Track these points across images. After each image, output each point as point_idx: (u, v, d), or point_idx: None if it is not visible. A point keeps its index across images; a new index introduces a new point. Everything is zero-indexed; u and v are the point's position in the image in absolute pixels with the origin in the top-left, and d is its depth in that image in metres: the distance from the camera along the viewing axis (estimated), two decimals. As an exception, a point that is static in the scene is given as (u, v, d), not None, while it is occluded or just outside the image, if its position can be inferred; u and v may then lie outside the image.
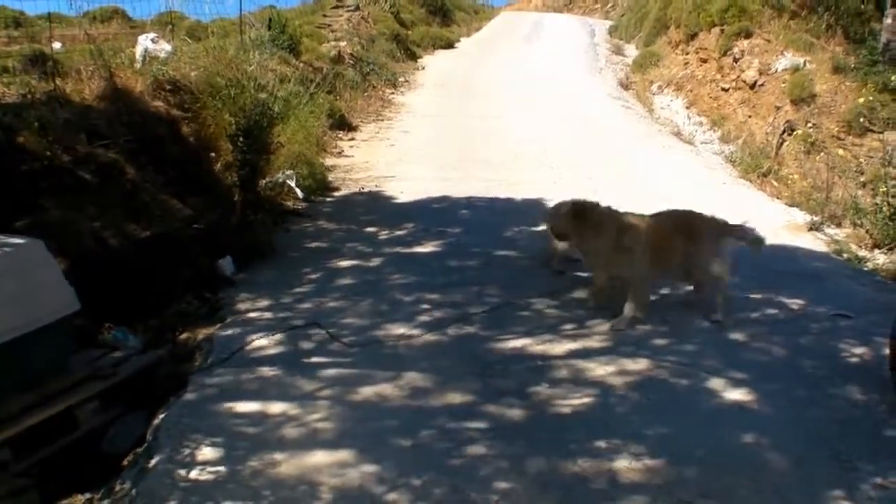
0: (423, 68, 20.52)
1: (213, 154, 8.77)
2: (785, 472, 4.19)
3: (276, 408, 4.79)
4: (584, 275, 6.86)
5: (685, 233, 6.16)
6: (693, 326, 6.06)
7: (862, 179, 10.76)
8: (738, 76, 15.62)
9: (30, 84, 7.83)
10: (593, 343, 5.76)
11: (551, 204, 7.02)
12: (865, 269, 7.87)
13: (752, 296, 6.64)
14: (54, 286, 4.79)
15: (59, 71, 8.42)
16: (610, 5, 39.63)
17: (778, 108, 13.80)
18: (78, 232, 6.23)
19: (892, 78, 12.08)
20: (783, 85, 14.02)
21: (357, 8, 22.06)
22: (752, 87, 15.02)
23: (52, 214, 6.22)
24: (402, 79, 18.75)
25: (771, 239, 7.93)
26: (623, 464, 4.22)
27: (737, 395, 5.01)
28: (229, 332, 5.94)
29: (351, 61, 17.46)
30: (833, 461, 4.32)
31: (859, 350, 5.75)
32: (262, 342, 5.72)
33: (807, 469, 4.23)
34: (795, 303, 6.51)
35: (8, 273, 4.50)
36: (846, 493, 4.03)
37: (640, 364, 5.40)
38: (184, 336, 6.00)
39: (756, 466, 4.22)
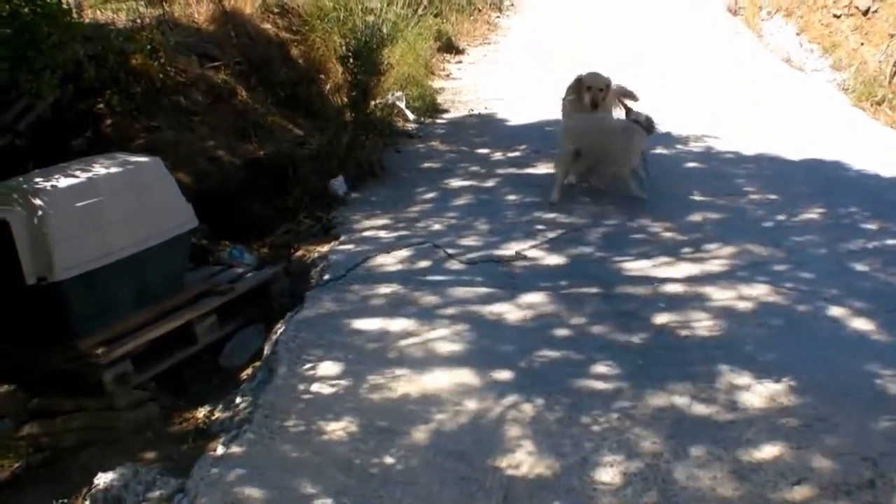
0: (530, -8, 19.94)
1: (322, 76, 8.69)
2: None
3: (395, 325, 4.71)
4: (700, 199, 6.70)
5: None
6: (811, 253, 5.74)
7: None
8: (851, 2, 14.55)
9: (139, 10, 7.85)
10: (711, 267, 5.52)
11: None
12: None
13: (869, 226, 6.23)
14: (173, 203, 4.79)
15: (169, -5, 8.41)
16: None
17: (892, 36, 12.89)
18: (191, 151, 6.25)
19: None
20: (898, 11, 13.02)
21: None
22: (865, 13, 14.02)
23: (166, 134, 6.25)
24: (507, 2, 18.24)
25: (887, 169, 7.41)
26: (742, 388, 4.04)
27: (857, 323, 4.72)
28: (345, 249, 5.89)
29: (457, -16, 17.05)
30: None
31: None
32: (379, 260, 5.64)
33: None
34: (915, 234, 6.11)
35: (128, 190, 4.51)
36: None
37: (758, 289, 5.14)
38: (299, 253, 5.99)
39: (876, 395, 3.97)
